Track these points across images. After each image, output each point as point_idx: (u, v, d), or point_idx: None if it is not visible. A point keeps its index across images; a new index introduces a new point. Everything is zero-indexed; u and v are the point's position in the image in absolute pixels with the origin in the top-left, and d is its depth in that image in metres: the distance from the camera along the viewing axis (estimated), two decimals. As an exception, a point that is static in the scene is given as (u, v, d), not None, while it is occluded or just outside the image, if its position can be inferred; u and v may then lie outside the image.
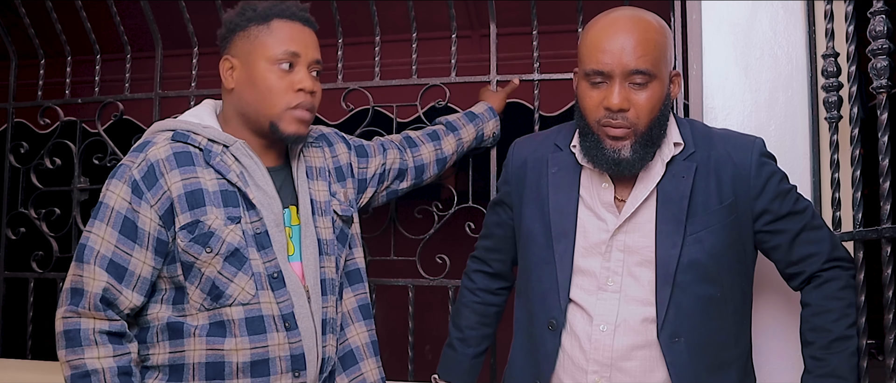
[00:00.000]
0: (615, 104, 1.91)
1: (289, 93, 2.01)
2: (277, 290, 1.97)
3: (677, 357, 1.92)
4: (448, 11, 2.91)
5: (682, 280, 1.94)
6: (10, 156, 3.24)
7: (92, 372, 1.86)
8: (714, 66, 2.46)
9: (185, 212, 1.94)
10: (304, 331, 1.98)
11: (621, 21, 1.95)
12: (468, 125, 2.59)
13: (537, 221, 2.08)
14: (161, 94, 3.12)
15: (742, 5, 2.44)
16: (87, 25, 3.17)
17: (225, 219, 1.95)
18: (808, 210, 2.03)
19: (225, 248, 1.94)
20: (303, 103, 2.03)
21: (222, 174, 1.98)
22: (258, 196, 1.99)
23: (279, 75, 2.01)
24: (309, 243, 2.04)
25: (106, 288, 1.90)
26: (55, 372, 2.88)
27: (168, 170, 1.96)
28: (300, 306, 1.99)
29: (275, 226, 1.99)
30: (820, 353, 1.95)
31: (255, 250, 1.97)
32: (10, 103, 3.32)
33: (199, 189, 1.96)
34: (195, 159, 1.99)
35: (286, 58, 2.01)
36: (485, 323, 2.29)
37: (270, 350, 1.95)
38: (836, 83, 2.18)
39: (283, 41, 2.01)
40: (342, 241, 2.14)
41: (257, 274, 1.96)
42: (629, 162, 1.95)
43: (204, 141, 2.01)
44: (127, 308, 1.94)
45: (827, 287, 1.99)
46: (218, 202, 1.96)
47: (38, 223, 3.17)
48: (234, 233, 1.95)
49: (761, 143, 2.03)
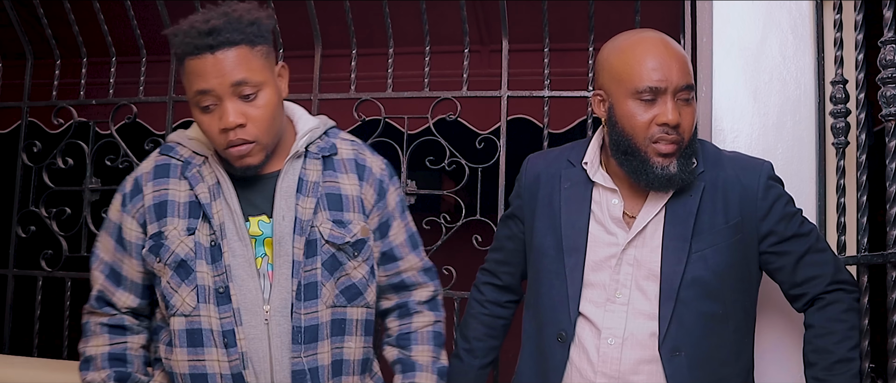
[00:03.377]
0: (672, 119, 1.92)
1: (218, 136, 1.89)
2: (221, 305, 1.92)
3: (677, 371, 1.95)
4: (459, 26, 2.94)
5: (685, 296, 1.96)
6: (22, 154, 3.25)
7: (90, 358, 2.05)
8: (723, 89, 2.48)
9: (152, 223, 2.00)
10: (250, 350, 1.91)
11: (657, 40, 1.98)
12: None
13: (549, 235, 2.10)
14: (175, 97, 3.14)
15: (752, 30, 2.47)
16: (104, 27, 3.20)
17: (184, 230, 1.96)
18: (812, 233, 2.05)
19: (172, 259, 1.95)
20: (233, 140, 1.88)
21: (192, 186, 1.99)
22: (218, 208, 1.96)
23: (207, 118, 1.89)
24: (281, 262, 1.95)
25: (101, 290, 2.07)
26: (61, 369, 2.93)
27: (146, 182, 2.03)
28: (251, 326, 1.92)
29: (238, 239, 1.94)
30: (822, 375, 1.97)
31: (206, 263, 1.94)
32: (24, 102, 3.34)
33: (165, 201, 1.99)
34: (172, 171, 2.02)
35: (202, 99, 1.87)
36: (492, 335, 2.30)
37: (208, 364, 1.93)
38: (843, 109, 2.21)
39: (192, 83, 1.86)
40: (331, 267, 1.99)
41: (202, 286, 1.93)
42: (678, 177, 1.97)
43: (187, 153, 2.03)
44: (123, 306, 2.07)
45: (830, 309, 2.00)
46: (183, 213, 1.98)
47: (48, 222, 3.19)
48: (185, 245, 1.95)
49: (769, 167, 2.06)
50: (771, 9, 2.46)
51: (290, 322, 1.93)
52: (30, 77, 3.36)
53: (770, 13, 2.46)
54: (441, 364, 2.16)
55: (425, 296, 2.18)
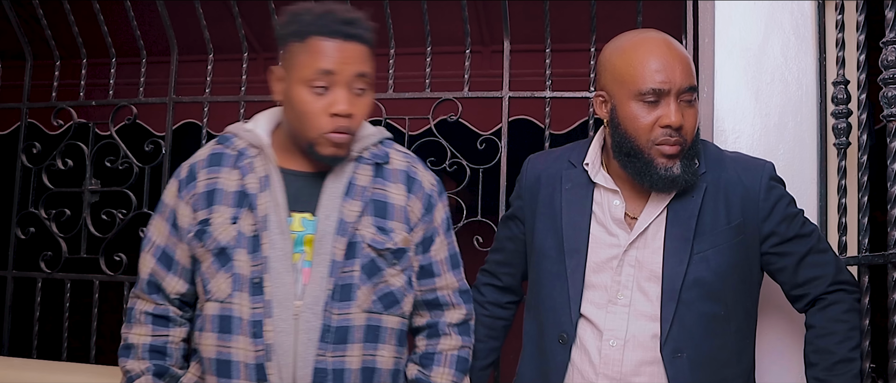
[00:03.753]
0: (675, 121, 1.92)
1: (323, 117, 1.92)
2: (254, 296, 1.95)
3: (679, 372, 1.94)
4: (460, 26, 2.94)
5: (687, 297, 1.96)
6: (22, 156, 3.25)
7: (131, 345, 2.09)
8: (725, 90, 2.48)
9: (201, 210, 2.04)
10: (275, 343, 1.92)
11: (662, 41, 1.98)
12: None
13: (550, 236, 2.10)
14: (175, 98, 3.13)
15: (754, 31, 2.47)
16: (104, 28, 3.19)
17: (229, 218, 2.00)
18: (814, 234, 2.05)
19: (214, 245, 1.99)
20: (339, 127, 1.93)
21: (242, 175, 2.02)
22: (267, 201, 1.98)
23: (313, 98, 1.92)
24: (320, 260, 1.96)
25: (151, 273, 2.11)
26: (60, 371, 2.92)
27: (200, 170, 2.08)
28: (280, 319, 1.93)
29: (278, 233, 1.96)
30: (823, 375, 1.97)
31: (245, 252, 1.97)
32: (23, 103, 3.33)
33: (215, 188, 2.04)
34: (225, 161, 2.06)
35: (319, 79, 1.91)
36: (493, 337, 2.30)
37: (234, 352, 1.95)
38: (845, 110, 2.21)
39: (316, 61, 1.91)
40: (370, 271, 2.01)
41: (238, 275, 1.97)
42: (681, 178, 1.96)
43: (242, 144, 2.07)
44: (172, 292, 2.11)
45: (831, 309, 2.01)
46: (231, 202, 2.02)
47: (47, 223, 3.18)
48: (228, 233, 1.99)
49: (771, 167, 2.06)
50: (773, 9, 2.46)
51: (320, 319, 1.94)
52: (29, 78, 3.35)
53: (772, 14, 2.46)
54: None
55: (457, 319, 2.17)
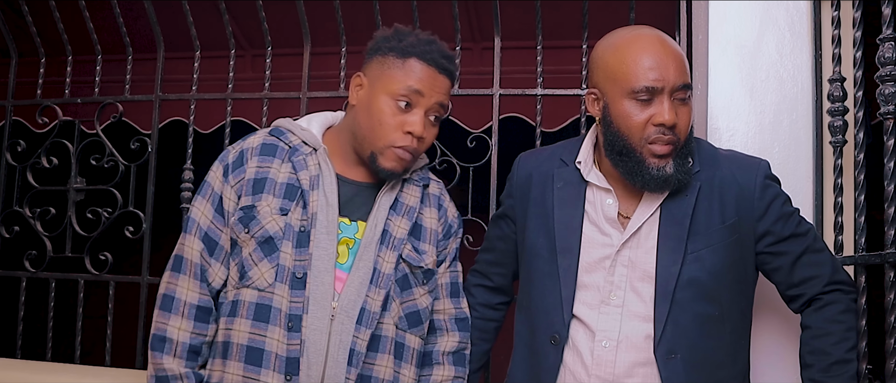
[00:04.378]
0: (668, 120, 1.90)
1: (397, 131, 2.02)
2: (295, 290, 1.98)
3: (673, 373, 1.93)
4: (450, 23, 2.92)
5: (681, 297, 1.95)
6: (6, 154, 3.22)
7: (168, 339, 2.02)
8: (719, 87, 2.47)
9: (247, 195, 2.06)
10: (309, 341, 1.94)
11: (656, 38, 1.96)
12: None
13: (541, 235, 2.08)
14: (161, 96, 3.11)
15: (749, 27, 2.46)
16: (90, 25, 3.16)
17: (277, 208, 2.03)
18: (809, 233, 2.04)
19: (261, 233, 2.01)
20: (407, 146, 2.02)
21: (296, 170, 2.06)
22: (318, 199, 2.03)
23: (394, 111, 2.01)
24: (362, 265, 2.02)
25: (201, 261, 2.07)
26: (44, 371, 2.91)
27: (251, 157, 2.10)
28: (316, 317, 1.96)
29: (325, 233, 2.00)
30: (819, 376, 1.95)
31: (291, 245, 2.00)
32: (8, 101, 3.30)
33: (265, 177, 2.07)
34: (278, 153, 2.10)
35: (406, 95, 2.01)
36: (483, 339, 2.28)
37: (267, 342, 1.96)
38: (841, 107, 2.20)
39: (409, 79, 2.01)
40: (402, 286, 2.08)
41: (282, 266, 1.99)
42: (674, 178, 1.95)
43: (296, 140, 2.12)
44: (214, 279, 2.08)
45: (827, 310, 1.99)
46: (279, 193, 2.05)
47: (32, 222, 3.15)
48: (276, 223, 2.02)
49: (766, 166, 2.04)
50: (768, 6, 2.45)
51: (353, 324, 1.98)
52: (14, 75, 3.33)
53: (767, 10, 2.45)
54: None
55: (451, 346, 2.18)
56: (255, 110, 3.48)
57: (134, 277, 3.02)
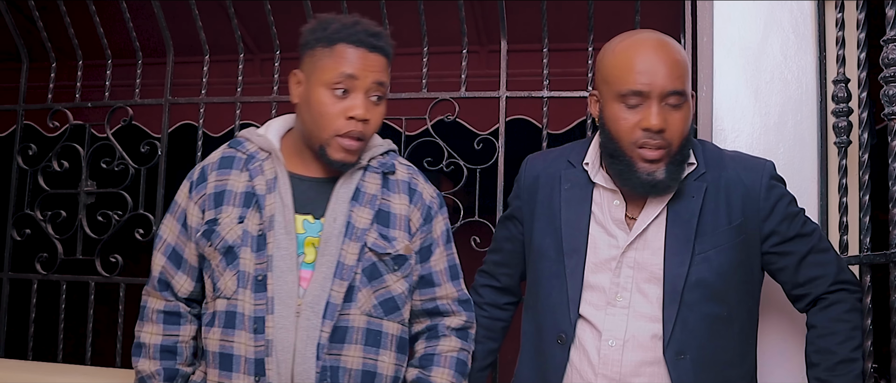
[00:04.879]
0: (655, 125, 1.91)
1: (339, 119, 2.01)
2: (257, 293, 2.00)
3: (682, 374, 1.94)
4: (457, 26, 2.93)
5: (689, 298, 1.95)
6: (18, 157, 3.24)
7: (143, 344, 2.15)
8: (724, 89, 2.48)
9: (209, 210, 2.10)
10: (275, 340, 1.97)
11: (651, 43, 1.96)
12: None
13: (548, 236, 2.09)
14: (171, 100, 3.13)
15: (753, 29, 2.47)
16: (100, 30, 3.18)
17: (236, 218, 2.06)
18: (815, 233, 2.04)
19: (222, 244, 2.05)
20: (352, 132, 2.02)
21: (252, 177, 2.09)
22: (274, 202, 2.04)
23: (333, 100, 2.01)
24: (325, 261, 2.02)
25: (162, 271, 2.17)
26: (56, 373, 2.92)
27: (211, 172, 2.15)
28: (281, 316, 1.98)
29: (284, 233, 2.02)
30: (824, 375, 1.96)
31: (250, 250, 2.03)
32: (19, 105, 3.32)
33: (224, 190, 2.10)
34: (235, 163, 2.13)
35: (342, 82, 2.00)
36: (491, 338, 2.29)
37: (235, 346, 2.00)
38: (846, 108, 2.20)
39: (341, 65, 2.00)
40: (372, 274, 2.06)
41: (242, 272, 2.02)
42: (664, 183, 1.96)
43: (253, 148, 2.14)
44: (181, 290, 2.16)
45: (833, 309, 2.00)
46: (238, 202, 2.08)
47: (43, 225, 3.17)
48: (234, 232, 2.05)
49: (772, 166, 2.05)
50: (772, 8, 2.46)
51: (320, 318, 1.98)
52: (25, 80, 3.35)
53: (771, 12, 2.46)
54: None
55: (457, 324, 2.19)
56: (264, 113, 3.47)
57: (144, 279, 2.99)
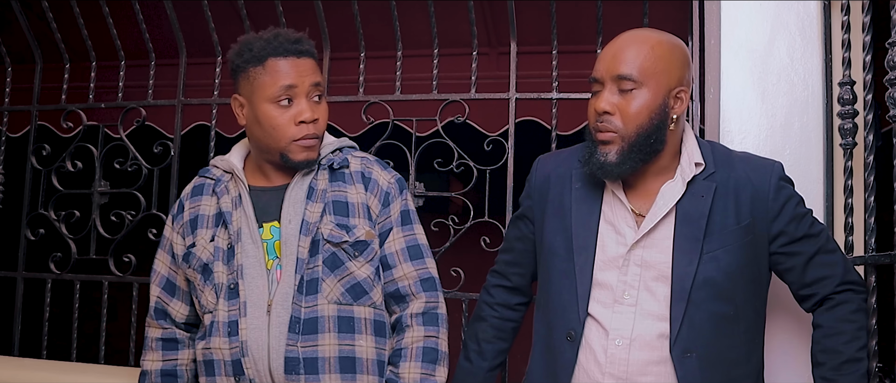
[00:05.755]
0: (600, 107, 2.00)
1: (291, 126, 2.13)
2: (230, 300, 2.14)
3: (689, 372, 1.95)
4: (467, 28, 2.95)
5: (697, 297, 1.97)
6: (32, 158, 3.27)
7: (146, 372, 2.30)
8: (731, 91, 2.49)
9: (188, 235, 2.26)
10: (250, 340, 2.09)
11: (628, 34, 2.04)
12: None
13: (559, 235, 2.11)
14: (184, 101, 3.16)
15: (760, 32, 2.48)
16: (113, 32, 3.21)
17: (209, 238, 2.21)
18: (822, 234, 2.05)
19: (198, 263, 2.21)
20: (307, 134, 2.14)
21: (219, 198, 2.23)
22: (237, 216, 2.19)
23: (280, 112, 2.13)
24: (287, 261, 2.13)
25: (157, 301, 2.32)
26: (70, 372, 2.94)
27: (186, 201, 2.31)
28: (253, 317, 2.10)
29: (250, 242, 2.15)
30: (830, 375, 1.97)
31: (222, 264, 2.17)
32: (33, 106, 3.35)
33: (198, 215, 2.26)
34: (205, 189, 2.29)
35: (283, 94, 2.12)
36: (502, 338, 2.30)
37: (214, 352, 2.14)
38: (851, 110, 2.21)
39: (278, 79, 2.12)
40: (333, 264, 2.14)
41: (217, 284, 2.16)
42: (612, 167, 2.00)
43: (219, 172, 2.29)
44: (178, 316, 2.32)
45: (839, 309, 2.01)
46: (210, 224, 2.23)
47: (57, 225, 3.20)
48: (207, 250, 2.20)
49: (780, 167, 2.06)
50: (779, 10, 2.47)
51: (289, 312, 2.09)
52: (39, 81, 3.38)
53: (778, 15, 2.47)
54: (433, 380, 2.18)
55: (418, 308, 2.22)
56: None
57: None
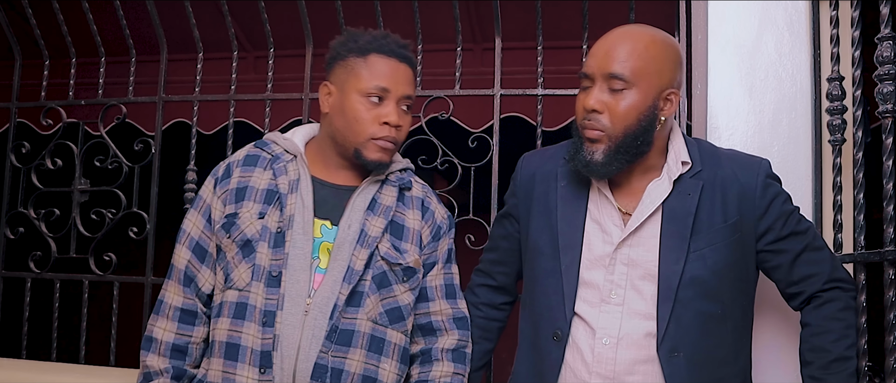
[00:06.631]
0: (589, 104, 1.98)
1: (374, 124, 2.12)
2: (270, 287, 2.06)
3: (676, 371, 1.94)
4: (451, 24, 2.93)
5: (684, 295, 1.95)
6: (11, 155, 3.23)
7: (153, 339, 2.16)
8: (718, 87, 2.48)
9: (230, 204, 2.17)
10: (282, 335, 2.02)
11: (619, 30, 2.02)
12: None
13: (544, 233, 2.09)
14: (165, 97, 3.13)
15: (748, 27, 2.47)
16: (93, 27, 3.18)
17: (256, 213, 2.13)
18: (809, 231, 2.05)
19: (240, 237, 2.11)
20: (387, 136, 2.12)
21: (275, 176, 2.17)
22: (295, 202, 2.12)
23: (367, 107, 2.12)
24: (336, 265, 2.08)
25: (188, 266, 2.19)
26: (49, 372, 2.92)
27: (236, 168, 2.22)
28: (290, 313, 2.04)
29: (301, 233, 2.09)
30: (818, 373, 1.96)
31: (267, 246, 2.09)
32: (13, 103, 3.31)
33: (246, 186, 2.18)
34: (260, 162, 2.21)
35: (376, 92, 2.11)
36: (487, 338, 2.29)
37: (243, 338, 2.05)
38: (840, 106, 2.20)
39: (376, 76, 2.12)
40: (381, 283, 2.12)
41: (258, 266, 2.08)
42: (598, 165, 1.99)
43: (279, 150, 2.22)
44: (204, 286, 2.19)
45: (827, 307, 2.00)
46: (259, 199, 2.15)
47: (37, 223, 3.16)
48: (253, 227, 2.11)
49: (767, 165, 2.05)
50: (766, 6, 2.46)
51: (328, 319, 2.04)
52: (18, 77, 3.34)
53: (766, 10, 2.46)
54: None
55: (450, 344, 2.22)
56: (258, 111, 3.49)
57: (138, 277, 3.04)
